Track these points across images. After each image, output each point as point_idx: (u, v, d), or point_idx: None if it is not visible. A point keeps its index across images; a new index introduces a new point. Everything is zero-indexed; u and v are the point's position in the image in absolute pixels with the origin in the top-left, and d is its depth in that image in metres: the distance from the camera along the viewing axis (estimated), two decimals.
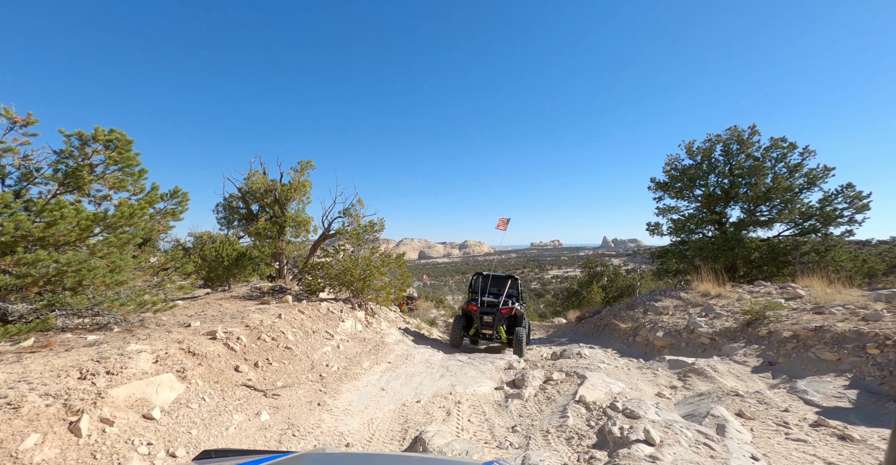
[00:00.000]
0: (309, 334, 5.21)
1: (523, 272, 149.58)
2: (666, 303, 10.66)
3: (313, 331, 5.40)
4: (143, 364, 2.80)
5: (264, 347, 4.25)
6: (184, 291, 4.60)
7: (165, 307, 3.96)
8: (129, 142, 3.68)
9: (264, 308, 5.58)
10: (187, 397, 2.89)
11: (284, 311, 5.47)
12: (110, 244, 3.34)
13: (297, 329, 5.12)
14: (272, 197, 8.57)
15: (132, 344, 3.06)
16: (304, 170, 8.86)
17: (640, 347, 9.28)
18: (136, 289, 3.97)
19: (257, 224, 8.11)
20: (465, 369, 6.03)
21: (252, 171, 8.44)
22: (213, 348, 3.66)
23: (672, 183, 15.26)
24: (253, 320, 4.64)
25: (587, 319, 14.08)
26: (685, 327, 8.29)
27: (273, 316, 5.05)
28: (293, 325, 5.17)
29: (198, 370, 3.18)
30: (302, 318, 5.59)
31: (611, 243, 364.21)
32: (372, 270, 7.84)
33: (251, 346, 4.11)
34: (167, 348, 3.21)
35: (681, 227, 14.81)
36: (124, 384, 2.48)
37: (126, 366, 2.67)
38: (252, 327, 4.45)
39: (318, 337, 5.34)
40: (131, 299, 3.66)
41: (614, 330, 11.20)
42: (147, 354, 2.95)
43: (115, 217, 3.36)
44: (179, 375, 2.97)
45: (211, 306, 6.02)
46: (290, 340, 4.67)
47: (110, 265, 3.45)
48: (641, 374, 5.93)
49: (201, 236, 16.00)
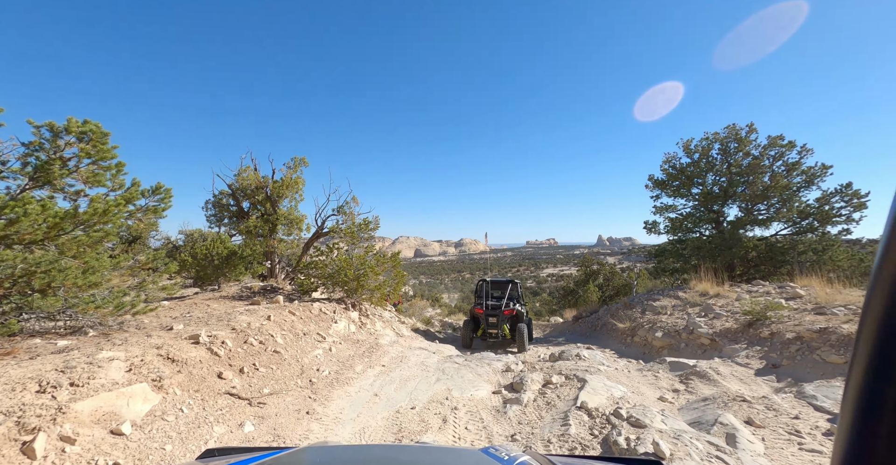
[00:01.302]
0: (299, 337, 5.00)
1: (519, 271, 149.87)
2: (664, 302, 10.55)
3: (304, 333, 5.19)
4: (114, 373, 2.58)
5: (251, 351, 4.04)
6: (167, 291, 4.37)
7: (146, 310, 3.73)
8: (104, 134, 3.44)
9: (253, 309, 5.36)
10: (163, 408, 2.68)
11: (274, 312, 5.26)
12: (80, 243, 3.11)
13: (286, 332, 4.90)
14: (263, 194, 8.32)
15: (104, 351, 2.84)
16: (298, 167, 8.60)
17: (639, 347, 9.16)
18: (116, 290, 3.74)
19: (248, 222, 7.85)
20: (462, 372, 5.86)
21: (243, 167, 8.18)
22: (196, 354, 3.45)
23: (670, 181, 15.17)
24: (240, 323, 4.42)
25: (584, 318, 13.97)
26: (684, 328, 8.17)
27: (262, 318, 4.84)
28: (283, 327, 4.95)
29: (176, 378, 2.97)
30: (292, 319, 5.38)
31: (605, 242, 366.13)
32: (366, 269, 7.63)
33: (237, 350, 3.89)
34: (144, 355, 2.99)
35: (678, 225, 14.73)
36: (90, 397, 2.27)
37: (94, 376, 2.45)
38: (238, 330, 4.23)
39: (309, 340, 5.13)
40: (108, 301, 3.43)
41: (612, 330, 11.08)
42: (120, 361, 2.73)
43: (88, 214, 3.12)
44: (155, 384, 2.76)
45: (198, 307, 5.78)
46: (278, 343, 4.46)
47: (83, 265, 3.22)
48: (642, 377, 5.79)
49: (192, 233, 15.68)
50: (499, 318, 9.53)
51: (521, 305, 11.04)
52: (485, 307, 9.75)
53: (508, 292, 10.86)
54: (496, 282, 11.47)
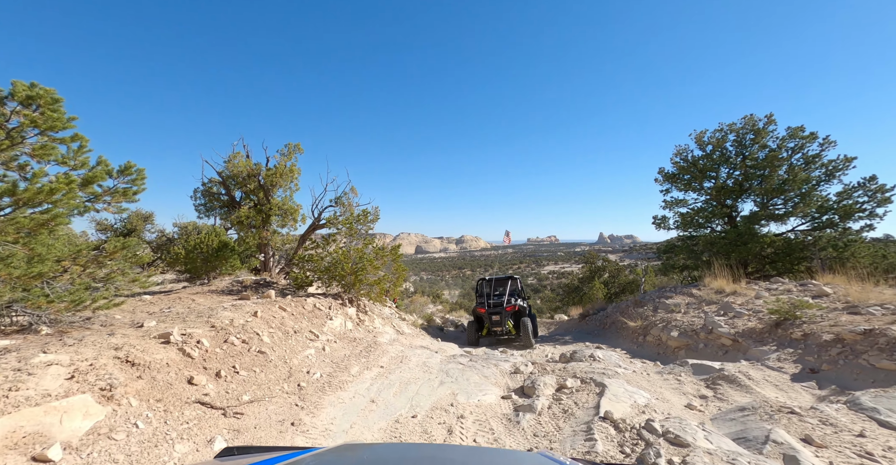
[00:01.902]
0: (289, 335, 4.53)
1: (520, 268, 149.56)
2: (677, 300, 10.06)
3: (295, 331, 4.72)
4: (48, 382, 2.12)
5: (232, 351, 3.58)
6: (138, 284, 3.90)
7: (109, 304, 3.27)
8: (55, 100, 2.95)
9: (240, 304, 4.89)
10: (111, 424, 2.21)
11: (262, 308, 4.79)
12: (19, 226, 2.63)
13: (275, 329, 4.44)
14: (256, 183, 7.81)
15: (45, 354, 2.37)
16: (292, 154, 8.09)
17: (652, 347, 8.69)
18: (78, 282, 3.27)
19: (239, 212, 7.37)
20: (467, 373, 5.39)
21: (233, 153, 7.66)
22: (163, 356, 2.98)
23: (681, 175, 14.64)
24: (221, 320, 3.95)
25: (591, 316, 13.50)
26: (702, 327, 7.69)
27: (247, 314, 4.37)
28: (271, 324, 4.48)
29: (134, 386, 2.51)
30: (283, 316, 4.91)
31: (607, 239, 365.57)
32: (365, 263, 7.15)
33: (215, 351, 3.43)
34: (96, 358, 2.53)
35: (689, 221, 14.22)
36: (6, 415, 1.81)
37: (20, 386, 1.99)
38: (219, 328, 3.77)
39: (301, 338, 4.66)
40: (63, 296, 2.97)
41: (622, 328, 10.61)
42: (61, 367, 2.27)
43: (29, 192, 2.65)
44: (104, 394, 2.29)
45: (181, 302, 5.32)
46: (264, 342, 3.99)
47: (30, 253, 2.75)
48: (663, 380, 5.30)
49: (186, 226, 15.18)
50: (502, 315, 9.54)
51: (522, 300, 11.13)
52: (487, 306, 9.79)
53: (509, 288, 10.84)
54: (496, 280, 11.55)
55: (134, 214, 17.00)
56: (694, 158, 14.16)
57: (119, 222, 17.24)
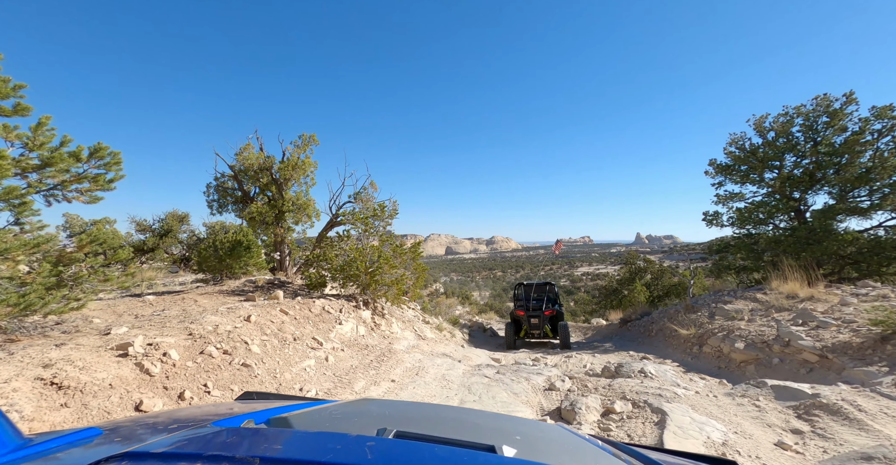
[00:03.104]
0: (286, 343, 3.96)
1: (552, 269, 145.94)
2: (738, 306, 8.78)
3: (295, 338, 4.15)
4: None
5: (208, 365, 3.02)
6: (112, 283, 3.46)
7: (61, 309, 2.80)
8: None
9: (236, 307, 4.40)
10: None
11: (260, 311, 4.26)
12: None
13: (269, 336, 3.88)
14: (268, 177, 7.43)
15: None
16: (307, 145, 7.64)
17: (710, 359, 7.53)
18: (37, 284, 2.83)
19: (251, 207, 6.98)
20: (494, 390, 4.62)
21: (245, 145, 7.27)
22: (110, 373, 2.45)
23: (736, 165, 13.12)
24: (204, 326, 3.44)
25: (634, 321, 12.29)
26: (775, 338, 6.50)
27: (238, 319, 3.84)
28: (265, 330, 3.93)
29: (49, 418, 1.96)
30: (283, 320, 4.37)
31: (644, 240, 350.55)
32: (381, 262, 6.53)
33: (185, 365, 2.89)
34: (11, 380, 2.01)
35: (747, 216, 12.68)
36: None
37: None
38: (197, 336, 3.24)
39: (300, 346, 4.08)
40: (7, 299, 2.51)
41: (671, 337, 9.43)
42: None
43: None
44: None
45: (181, 304, 4.92)
46: (252, 353, 3.43)
47: None
48: (737, 406, 4.30)
49: (213, 225, 15.28)
50: (540, 318, 10.25)
51: (558, 305, 11.74)
52: (526, 309, 10.44)
53: (546, 293, 11.62)
54: (534, 285, 12.18)
55: (170, 214, 17.42)
56: (753, 147, 12.63)
57: (157, 223, 17.72)
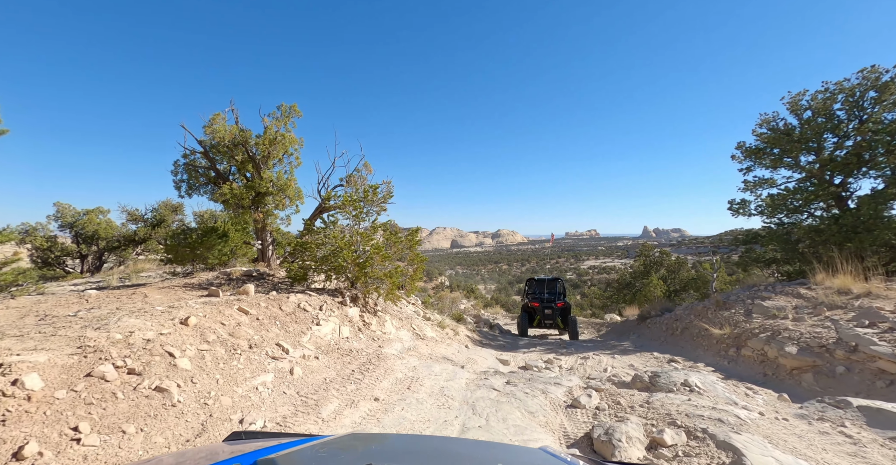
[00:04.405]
0: (236, 353, 3.07)
1: (558, 262, 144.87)
2: (779, 302, 7.77)
3: (251, 345, 3.26)
4: None
5: (93, 394, 2.08)
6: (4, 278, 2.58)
7: None
8: None
9: (179, 305, 3.50)
10: None
11: (209, 311, 3.38)
12: None
13: (212, 345, 2.99)
14: (243, 153, 6.49)
15: None
16: (287, 118, 6.67)
17: (752, 364, 6.57)
18: None
19: (223, 188, 6.07)
20: (504, 408, 3.71)
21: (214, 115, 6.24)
22: None
23: (768, 148, 11.96)
24: (111, 334, 2.54)
25: (654, 318, 11.31)
26: (836, 342, 5.50)
27: (171, 321, 2.95)
28: (207, 336, 3.04)
29: None
30: (239, 322, 3.48)
31: (652, 233, 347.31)
32: (373, 251, 5.62)
33: (49, 397, 1.93)
34: None
35: (779, 204, 11.55)
36: None
37: None
38: (91, 349, 2.33)
39: (257, 356, 3.19)
40: None
41: (700, 336, 8.46)
42: None
43: None
44: None
45: (122, 301, 4.04)
46: (178, 369, 2.52)
47: None
48: (821, 436, 3.33)
49: (202, 214, 14.41)
50: (553, 310, 11.56)
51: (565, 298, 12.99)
52: (541, 301, 11.73)
53: (557, 288, 12.76)
54: (543, 280, 13.35)
55: (163, 203, 16.61)
56: (787, 128, 11.46)
57: (149, 213, 16.91)
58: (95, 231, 19.32)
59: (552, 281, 13.17)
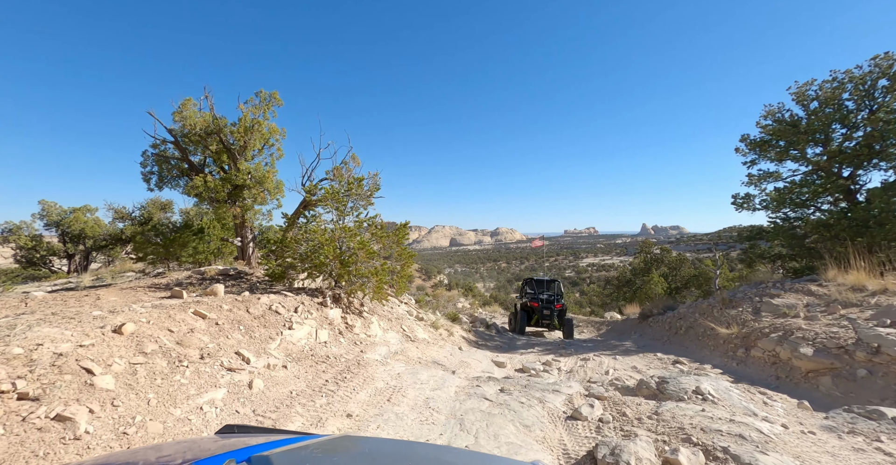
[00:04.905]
0: (180, 366, 2.63)
1: (557, 260, 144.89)
2: (789, 300, 7.39)
3: (203, 355, 2.84)
4: None
5: None
6: None
7: None
8: None
9: (120, 310, 3.07)
10: None
11: (156, 315, 2.95)
12: None
13: (150, 356, 2.55)
14: (218, 142, 6.03)
15: None
16: (267, 106, 6.21)
17: (762, 366, 6.19)
18: None
19: (195, 180, 5.60)
20: (496, 421, 3.30)
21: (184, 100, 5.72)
22: None
23: (773, 141, 11.56)
24: (8, 349, 2.09)
25: (655, 316, 10.93)
26: (856, 343, 5.11)
27: (100, 330, 2.51)
28: (145, 347, 2.59)
29: None
30: (192, 328, 3.06)
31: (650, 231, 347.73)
32: (355, 248, 5.19)
33: None
34: None
35: (785, 198, 11.16)
36: None
37: None
38: None
39: (208, 368, 2.76)
40: None
41: (705, 336, 8.08)
42: None
43: None
44: None
45: (69, 304, 3.61)
46: (95, 390, 2.05)
47: None
48: (855, 453, 2.93)
49: (188, 211, 13.93)
50: (552, 310, 11.71)
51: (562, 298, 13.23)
52: (540, 301, 11.86)
53: (555, 289, 13.08)
54: (542, 281, 13.61)
55: (151, 201, 16.12)
56: (793, 119, 11.06)
57: (136, 210, 16.42)
58: (82, 230, 18.82)
59: (551, 282, 13.46)
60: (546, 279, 13.71)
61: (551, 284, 13.45)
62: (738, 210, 12.58)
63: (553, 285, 13.41)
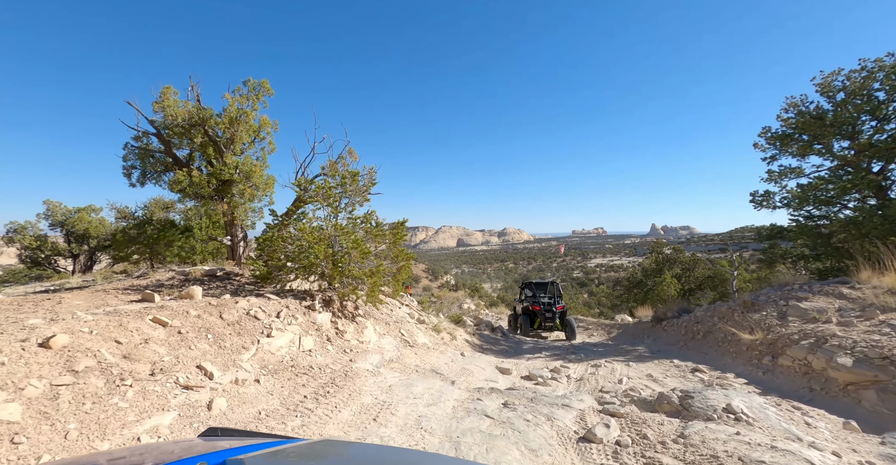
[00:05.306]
0: (117, 387, 2.19)
1: (565, 260, 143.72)
2: (818, 303, 6.83)
3: (153, 371, 2.43)
4: None
5: None
6: None
7: None
8: None
9: (59, 318, 2.70)
10: None
11: (103, 325, 2.58)
12: None
13: (82, 375, 2.12)
14: (203, 134, 5.66)
15: None
16: (258, 96, 5.83)
17: (793, 376, 5.67)
18: None
19: (177, 175, 5.24)
20: (498, 443, 2.87)
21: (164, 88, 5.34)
22: None
23: (796, 135, 10.96)
24: None
25: (670, 319, 10.37)
26: None
27: (19, 344, 2.11)
28: (77, 364, 2.15)
29: None
30: (147, 338, 2.67)
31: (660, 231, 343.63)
32: (348, 248, 4.80)
33: None
34: None
35: (808, 195, 10.55)
36: None
37: None
38: None
39: (156, 388, 2.34)
40: None
41: (726, 342, 7.55)
42: None
43: None
44: None
45: (26, 308, 3.26)
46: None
47: None
48: None
49: (187, 211, 13.68)
50: (553, 313, 11.89)
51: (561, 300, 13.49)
52: (542, 305, 12.01)
53: (555, 291, 13.22)
54: (542, 283, 13.90)
55: (154, 201, 15.96)
56: (819, 111, 10.45)
57: (140, 210, 16.27)
58: (86, 230, 18.76)
59: (549, 284, 13.68)
60: (544, 282, 13.94)
61: (550, 286, 13.58)
62: (756, 208, 11.98)
63: (551, 287, 13.52)
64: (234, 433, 1.24)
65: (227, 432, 1.24)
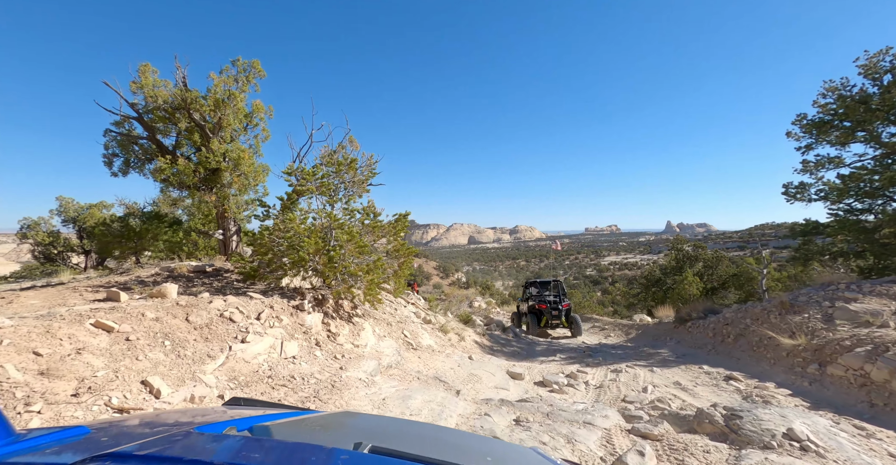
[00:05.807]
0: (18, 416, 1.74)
1: (577, 258, 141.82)
2: (870, 305, 6.11)
3: (79, 391, 1.89)
4: None
5: None
6: None
7: None
8: None
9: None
10: None
11: (32, 328, 2.15)
12: None
13: None
14: (187, 118, 5.22)
15: None
16: (248, 78, 5.37)
17: (846, 388, 5.00)
18: None
19: (160, 163, 4.82)
20: None
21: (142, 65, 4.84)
22: None
23: (836, 121, 10.07)
24: None
25: (695, 320, 9.65)
26: None
27: None
28: None
29: None
30: (82, 346, 2.21)
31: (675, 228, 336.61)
32: (343, 241, 4.31)
33: None
34: None
35: (849, 187, 9.69)
36: None
37: None
38: None
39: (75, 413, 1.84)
40: None
41: (761, 346, 6.86)
42: None
43: None
44: None
45: None
46: None
47: None
48: None
49: (190, 206, 13.41)
50: (560, 310, 12.11)
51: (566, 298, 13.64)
52: (548, 303, 12.24)
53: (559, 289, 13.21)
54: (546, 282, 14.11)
55: (163, 197, 15.84)
56: (863, 95, 9.54)
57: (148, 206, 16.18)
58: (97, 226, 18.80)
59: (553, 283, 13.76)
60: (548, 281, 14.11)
61: (553, 285, 13.69)
62: (789, 201, 11.11)
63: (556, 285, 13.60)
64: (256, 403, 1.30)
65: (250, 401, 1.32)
